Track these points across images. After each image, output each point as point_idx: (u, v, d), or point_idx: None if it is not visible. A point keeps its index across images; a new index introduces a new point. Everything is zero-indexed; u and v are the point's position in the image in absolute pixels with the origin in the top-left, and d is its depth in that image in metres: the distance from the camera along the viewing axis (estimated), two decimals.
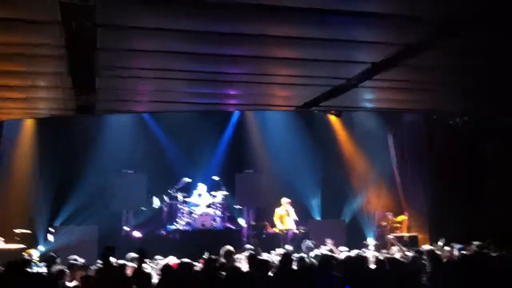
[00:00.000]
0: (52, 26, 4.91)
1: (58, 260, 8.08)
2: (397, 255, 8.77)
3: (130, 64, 6.54)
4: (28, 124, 13.76)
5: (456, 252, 9.27)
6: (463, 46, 6.00)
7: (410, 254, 8.60)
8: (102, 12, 4.55)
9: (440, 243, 10.41)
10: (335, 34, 5.51)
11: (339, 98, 8.13)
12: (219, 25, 5.25)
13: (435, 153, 14.06)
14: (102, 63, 6.09)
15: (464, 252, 9.15)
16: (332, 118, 15.14)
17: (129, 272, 7.12)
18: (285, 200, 14.23)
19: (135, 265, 7.30)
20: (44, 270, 8.01)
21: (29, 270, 7.27)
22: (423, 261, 7.69)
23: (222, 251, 8.33)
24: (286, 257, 7.00)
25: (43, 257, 9.54)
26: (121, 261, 7.56)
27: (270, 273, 6.90)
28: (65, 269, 7.17)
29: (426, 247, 10.03)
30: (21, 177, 13.82)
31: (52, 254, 8.10)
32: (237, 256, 8.50)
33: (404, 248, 9.49)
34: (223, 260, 7.94)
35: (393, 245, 9.80)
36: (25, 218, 13.57)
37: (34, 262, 9.01)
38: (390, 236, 11.04)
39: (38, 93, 7.85)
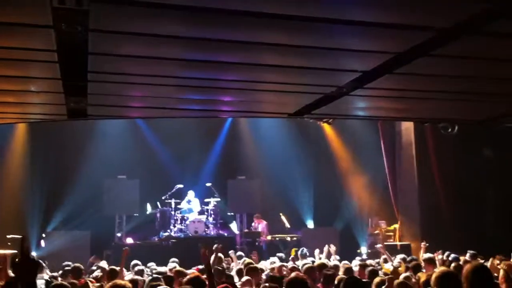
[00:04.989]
0: (43, 30, 4.89)
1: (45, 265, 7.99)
2: (385, 265, 8.78)
3: (122, 69, 6.53)
4: (20, 130, 13.72)
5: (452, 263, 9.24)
6: (455, 54, 6.01)
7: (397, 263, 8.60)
8: (95, 16, 4.53)
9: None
10: (326, 42, 5.53)
11: (331, 106, 8.13)
12: (212, 32, 5.25)
13: (428, 161, 14.11)
14: (94, 68, 6.07)
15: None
16: (325, 126, 15.19)
17: None
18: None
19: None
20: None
21: None
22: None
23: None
24: None
25: None
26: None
27: None
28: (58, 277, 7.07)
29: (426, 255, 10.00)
30: (13, 183, 13.79)
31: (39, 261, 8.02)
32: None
33: (392, 257, 9.49)
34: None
35: (382, 254, 9.82)
36: (17, 223, 13.51)
37: None
38: (378, 245, 11.07)
39: (29, 98, 7.82)
